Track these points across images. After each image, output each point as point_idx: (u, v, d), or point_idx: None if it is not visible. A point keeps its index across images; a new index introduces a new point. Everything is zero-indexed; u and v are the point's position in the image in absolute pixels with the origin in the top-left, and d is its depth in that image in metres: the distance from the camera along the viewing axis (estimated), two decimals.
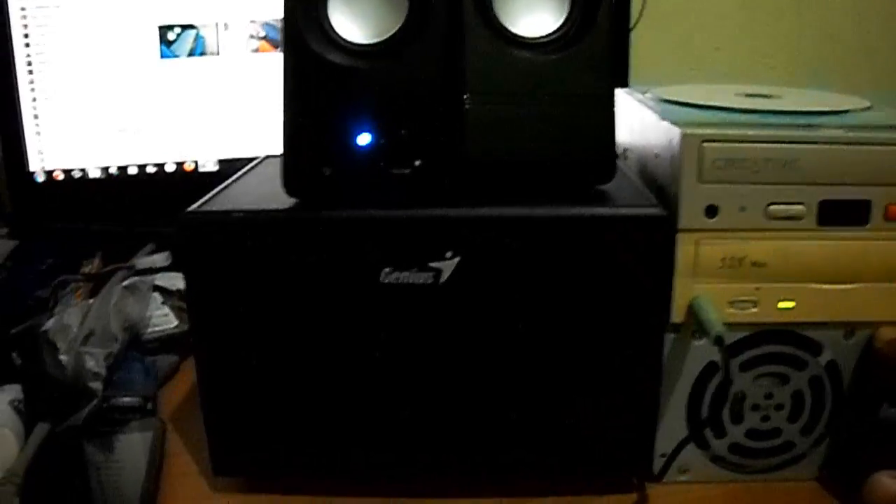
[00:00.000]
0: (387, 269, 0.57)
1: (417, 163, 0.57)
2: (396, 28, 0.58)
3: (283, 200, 0.59)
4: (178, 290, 0.93)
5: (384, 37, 0.58)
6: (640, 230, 0.57)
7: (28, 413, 0.70)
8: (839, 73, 1.37)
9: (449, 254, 0.57)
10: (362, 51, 0.58)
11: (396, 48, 0.58)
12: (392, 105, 0.58)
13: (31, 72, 1.00)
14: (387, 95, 0.58)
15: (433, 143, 0.57)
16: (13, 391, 0.70)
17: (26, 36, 0.99)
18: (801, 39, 1.38)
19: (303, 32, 0.57)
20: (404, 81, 0.58)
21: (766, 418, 0.64)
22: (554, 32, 0.59)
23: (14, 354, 0.75)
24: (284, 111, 0.58)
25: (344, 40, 0.58)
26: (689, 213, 0.59)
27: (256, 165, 0.74)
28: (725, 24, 1.36)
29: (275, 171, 0.60)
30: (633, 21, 1.17)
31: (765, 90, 0.72)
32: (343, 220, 0.57)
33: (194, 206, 0.60)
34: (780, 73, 1.37)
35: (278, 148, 0.63)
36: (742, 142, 0.58)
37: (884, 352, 0.61)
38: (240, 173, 0.71)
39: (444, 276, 0.57)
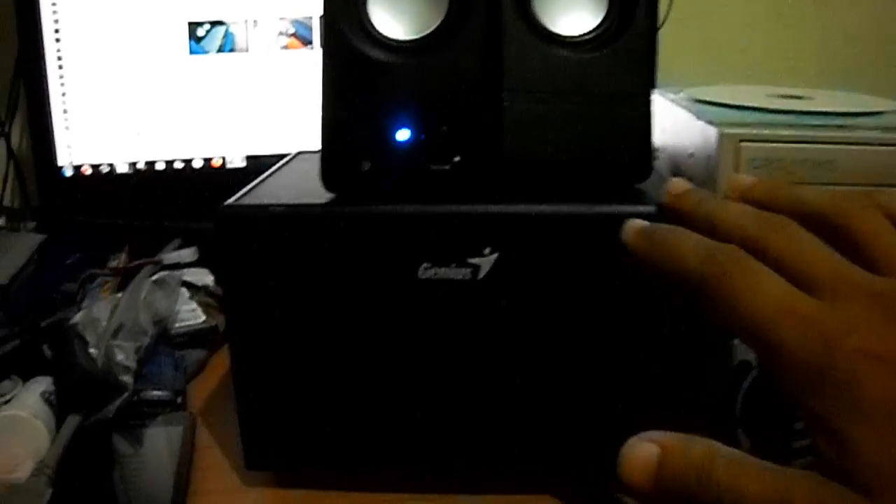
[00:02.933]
0: (425, 265, 0.58)
1: (457, 159, 0.57)
2: (436, 24, 0.58)
3: (321, 195, 0.59)
4: (205, 286, 0.93)
5: (424, 33, 0.58)
6: None
7: (58, 405, 0.70)
8: (865, 74, 1.37)
9: (487, 250, 0.57)
10: (401, 47, 0.58)
11: (436, 44, 0.58)
12: (431, 101, 0.58)
13: (60, 66, 1.01)
14: (426, 91, 0.58)
15: (472, 140, 0.57)
16: (44, 383, 0.71)
17: (57, 31, 1.00)
18: (826, 41, 1.38)
19: (342, 28, 0.58)
20: (443, 78, 0.58)
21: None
22: (592, 31, 0.59)
23: (45, 347, 0.75)
24: (323, 106, 0.58)
25: (383, 36, 0.58)
26: None
27: (290, 161, 0.75)
28: (751, 25, 1.36)
29: (309, 166, 0.60)
30: (659, 22, 1.17)
31: (797, 91, 0.72)
32: (381, 216, 0.57)
33: (231, 199, 0.61)
34: (806, 76, 1.36)
35: (306, 144, 0.63)
36: (779, 142, 0.58)
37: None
38: (274, 168, 0.71)
39: (483, 272, 0.57)
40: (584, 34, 0.59)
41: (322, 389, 0.62)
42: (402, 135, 0.57)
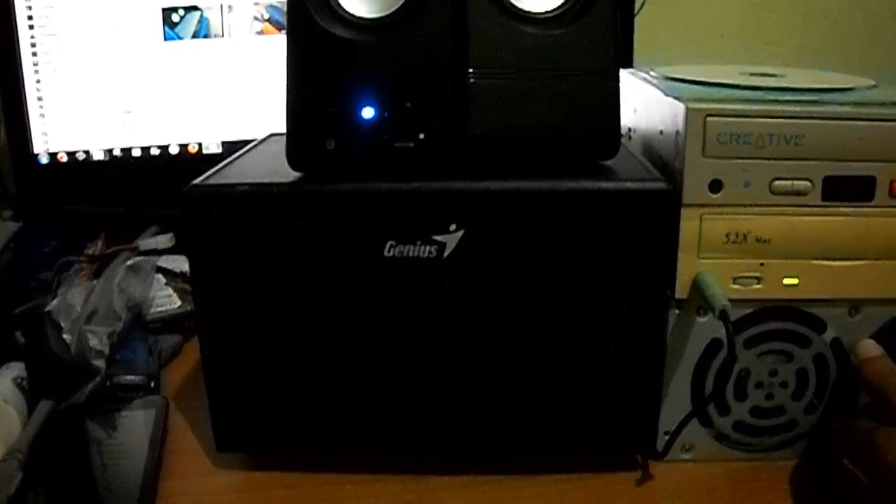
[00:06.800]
0: (390, 243, 0.57)
1: (421, 136, 0.57)
2: (401, 2, 0.58)
3: (288, 174, 0.59)
4: (182, 272, 0.93)
5: (389, 11, 0.58)
6: (644, 204, 0.57)
7: (31, 391, 0.70)
8: (844, 59, 1.37)
9: (453, 227, 0.57)
10: (366, 24, 0.58)
11: (401, 22, 0.58)
12: (396, 79, 0.57)
13: (35, 53, 1.00)
14: (390, 69, 0.57)
15: (437, 117, 0.57)
16: (16, 369, 0.71)
17: (30, 18, 0.99)
18: (806, 26, 1.38)
19: (307, 6, 0.57)
20: (408, 55, 0.57)
21: (769, 396, 0.64)
22: (558, 7, 0.59)
23: (18, 333, 0.75)
24: (288, 85, 0.58)
25: (348, 14, 0.58)
26: (693, 188, 0.58)
27: (261, 143, 0.74)
28: (730, 9, 1.36)
29: (279, 147, 0.60)
30: (637, 6, 1.17)
31: (770, 70, 0.72)
32: (347, 193, 0.57)
33: (199, 179, 0.60)
34: (786, 60, 1.36)
35: (282, 127, 0.63)
36: (747, 116, 0.58)
37: (859, 368, 0.62)
38: (244, 150, 0.71)
39: (448, 250, 0.57)
40: (551, 10, 0.59)
41: (290, 370, 0.62)
42: (367, 112, 0.57)
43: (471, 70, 0.57)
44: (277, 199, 0.58)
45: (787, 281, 0.60)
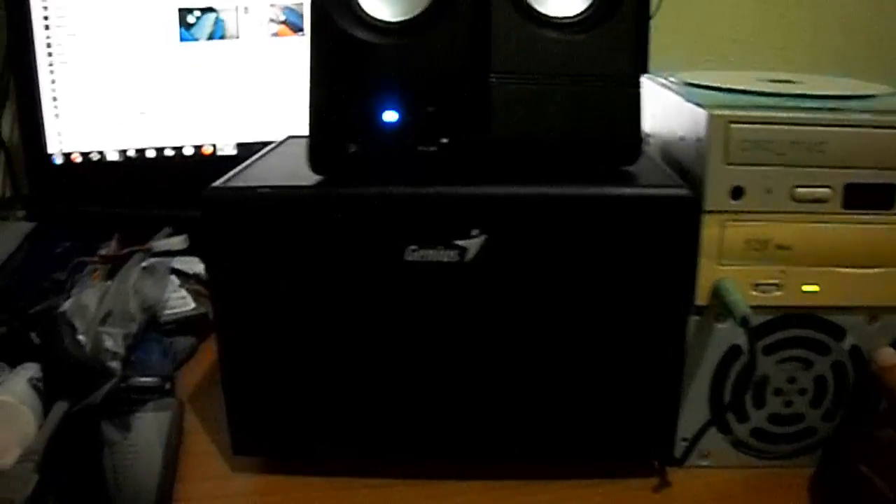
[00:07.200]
0: (412, 247, 0.57)
1: (444, 140, 0.57)
2: (424, 6, 0.58)
3: (308, 178, 0.59)
4: (196, 274, 0.93)
5: (412, 14, 0.58)
6: (667, 210, 0.57)
7: (46, 391, 0.69)
8: (856, 64, 1.37)
9: (475, 232, 0.57)
10: (389, 28, 0.58)
11: (423, 26, 0.58)
12: (418, 83, 0.57)
13: (50, 54, 1.00)
14: (413, 73, 0.57)
15: (459, 121, 0.57)
16: (32, 369, 0.70)
17: (46, 19, 0.99)
18: (817, 31, 1.37)
19: (330, 9, 0.57)
20: (431, 59, 0.57)
21: (788, 403, 0.64)
22: (581, 13, 0.59)
23: (33, 334, 0.75)
24: (310, 88, 0.58)
25: (371, 17, 0.58)
26: (715, 194, 0.58)
27: (279, 145, 0.74)
28: (742, 15, 1.36)
29: (297, 150, 0.60)
30: (651, 11, 1.16)
31: (788, 76, 0.72)
32: (368, 197, 0.57)
33: (218, 182, 0.60)
34: (797, 66, 1.36)
35: (298, 130, 0.63)
36: (769, 123, 0.58)
37: (878, 376, 0.62)
38: (262, 152, 0.71)
39: (470, 254, 0.57)
40: (573, 16, 0.59)
41: (309, 373, 0.62)
42: (389, 116, 0.57)
43: (493, 74, 0.57)
44: (299, 202, 0.58)
45: (806, 288, 0.60)
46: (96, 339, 0.74)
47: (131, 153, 1.03)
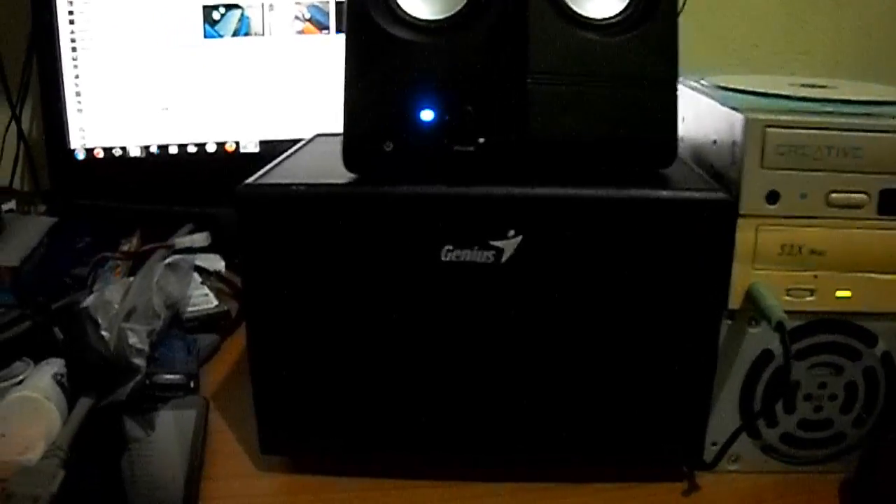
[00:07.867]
0: (448, 247, 0.57)
1: (481, 140, 0.57)
2: (462, 4, 0.58)
3: (342, 175, 0.59)
4: (217, 271, 0.93)
5: (449, 13, 0.58)
6: (703, 214, 0.57)
7: (71, 387, 0.69)
8: (878, 68, 1.36)
9: (511, 233, 0.57)
10: (426, 26, 0.58)
11: (461, 24, 0.58)
12: (455, 81, 0.57)
13: (74, 49, 1.00)
14: (450, 72, 0.57)
15: (497, 121, 0.57)
16: (56, 365, 0.70)
17: (70, 13, 0.99)
18: (839, 35, 1.37)
19: (368, 7, 0.57)
20: (468, 58, 0.57)
21: (818, 409, 0.63)
22: (619, 14, 0.59)
23: (56, 329, 0.75)
24: (346, 86, 0.58)
25: (408, 15, 0.58)
26: (750, 198, 0.58)
27: (307, 143, 0.74)
28: (764, 20, 1.35)
29: (327, 148, 0.60)
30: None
31: (820, 81, 0.72)
32: (404, 197, 0.57)
33: (251, 178, 0.60)
34: (818, 71, 1.36)
35: (321, 130, 0.62)
36: (806, 128, 0.57)
37: None
38: (292, 150, 0.71)
39: (506, 256, 0.57)
40: (611, 17, 0.59)
41: (339, 373, 0.61)
42: (426, 115, 0.57)
43: (530, 75, 0.57)
44: (333, 200, 0.58)
45: (839, 293, 0.60)
46: (120, 336, 0.73)
47: (154, 149, 1.03)
